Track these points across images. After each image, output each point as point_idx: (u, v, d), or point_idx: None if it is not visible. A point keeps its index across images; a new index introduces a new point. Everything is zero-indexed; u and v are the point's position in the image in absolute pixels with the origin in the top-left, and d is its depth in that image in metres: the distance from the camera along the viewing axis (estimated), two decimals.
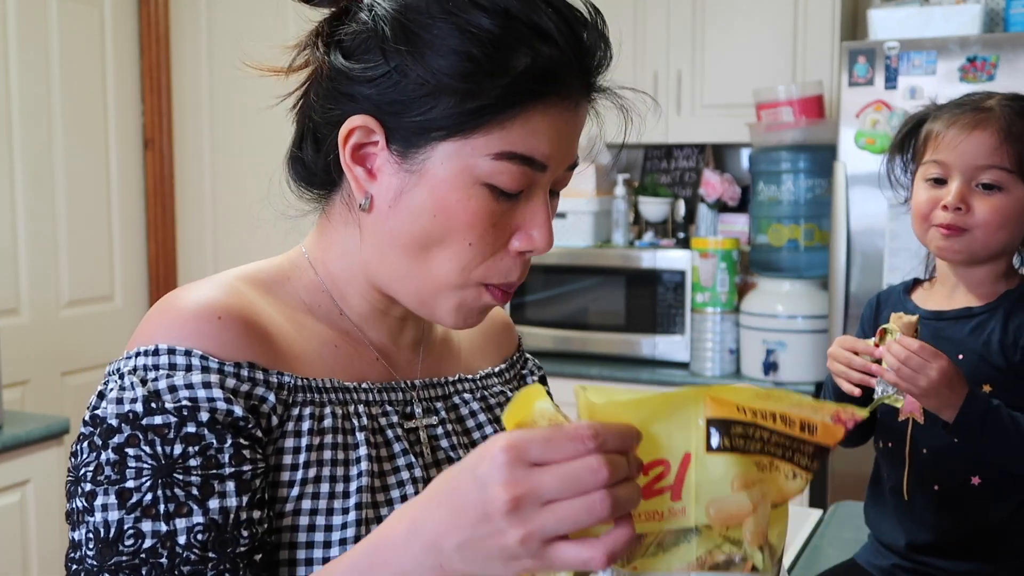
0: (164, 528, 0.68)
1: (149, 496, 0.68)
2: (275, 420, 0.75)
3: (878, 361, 1.32)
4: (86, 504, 0.69)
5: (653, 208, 3.32)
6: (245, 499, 0.71)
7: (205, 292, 0.76)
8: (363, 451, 0.78)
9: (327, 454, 0.76)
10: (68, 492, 0.72)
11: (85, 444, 0.71)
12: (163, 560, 0.67)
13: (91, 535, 0.69)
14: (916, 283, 1.52)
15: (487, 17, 0.72)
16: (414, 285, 0.78)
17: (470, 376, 0.93)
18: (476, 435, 0.89)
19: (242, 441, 0.72)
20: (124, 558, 0.67)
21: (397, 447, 0.82)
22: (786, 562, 1.67)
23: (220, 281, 0.79)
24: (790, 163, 2.89)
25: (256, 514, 0.71)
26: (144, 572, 0.67)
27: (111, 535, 0.68)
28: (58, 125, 3.24)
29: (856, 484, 1.43)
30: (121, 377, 0.72)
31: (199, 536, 0.68)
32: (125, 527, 0.68)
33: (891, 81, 2.56)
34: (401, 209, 0.76)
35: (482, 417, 0.90)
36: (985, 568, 1.39)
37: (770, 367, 2.86)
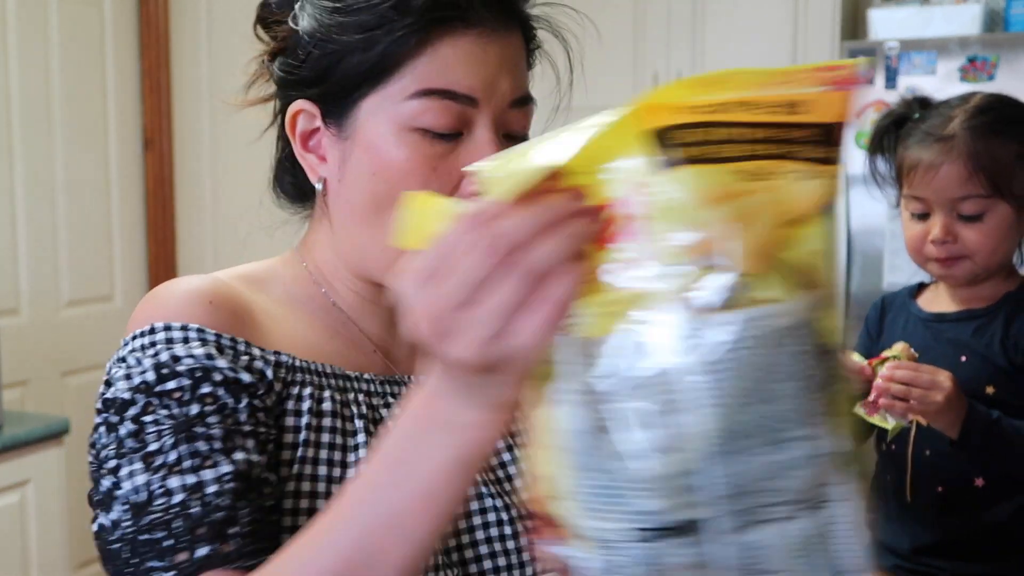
0: (192, 480, 0.67)
1: (173, 455, 0.68)
2: (275, 396, 0.74)
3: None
4: (114, 480, 0.69)
5: None
6: (264, 458, 0.70)
7: (196, 281, 0.77)
8: (361, 439, 0.77)
9: (325, 437, 0.76)
10: (93, 478, 0.71)
11: (102, 428, 0.71)
12: (195, 510, 0.66)
13: (125, 506, 0.68)
14: (921, 287, 1.52)
15: None
16: (381, 253, 0.77)
17: None
18: None
19: (256, 403, 0.72)
20: (156, 515, 0.67)
21: None
22: None
23: (210, 276, 0.80)
24: None
25: (271, 477, 0.71)
26: (178, 524, 0.66)
27: (141, 498, 0.67)
28: (58, 125, 3.24)
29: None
30: (123, 360, 0.72)
31: (229, 484, 0.67)
32: (153, 488, 0.67)
33: (891, 81, 2.56)
34: (348, 179, 0.77)
35: None
36: (988, 568, 1.39)
37: None
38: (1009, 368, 1.35)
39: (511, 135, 0.78)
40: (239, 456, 0.69)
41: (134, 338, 0.73)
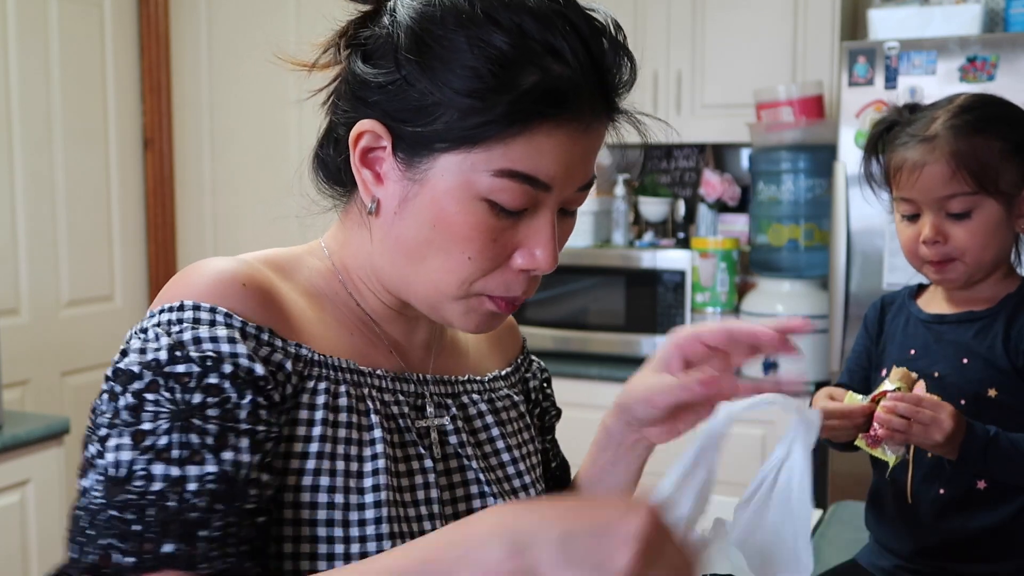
0: (176, 472, 0.67)
1: (164, 439, 0.68)
2: (290, 389, 0.75)
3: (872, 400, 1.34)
4: (99, 448, 0.69)
5: (653, 208, 3.32)
6: (256, 458, 0.70)
7: (229, 263, 0.77)
8: (378, 434, 0.78)
9: (342, 432, 0.77)
10: (84, 444, 0.72)
11: (105, 395, 0.71)
12: (171, 504, 0.67)
13: (100, 476, 0.68)
14: (921, 287, 1.52)
15: (500, 33, 0.71)
16: (420, 290, 0.79)
17: (479, 377, 0.93)
18: (483, 436, 0.89)
19: (260, 400, 0.72)
20: (132, 496, 0.67)
21: (408, 436, 0.82)
22: None
23: (241, 258, 0.80)
24: (790, 163, 2.89)
25: (264, 477, 0.71)
26: (151, 513, 0.67)
27: (121, 474, 0.67)
28: (58, 125, 3.24)
29: (856, 484, 1.43)
30: (144, 332, 0.72)
31: (209, 486, 0.68)
32: (136, 467, 0.67)
33: (891, 81, 2.56)
34: (405, 216, 0.77)
35: (489, 419, 0.90)
36: (989, 570, 1.39)
37: (770, 367, 2.86)
38: (1011, 371, 1.35)
39: (565, 211, 0.80)
40: (227, 456, 0.69)
41: (162, 311, 0.73)
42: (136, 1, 3.53)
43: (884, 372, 1.47)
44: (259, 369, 0.72)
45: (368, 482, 0.76)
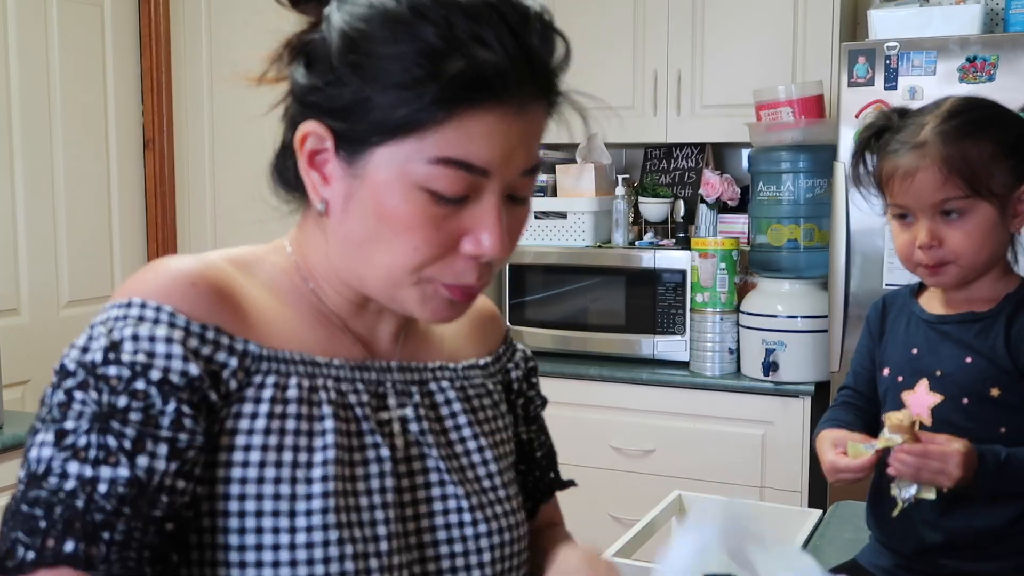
0: (89, 473, 0.69)
1: (84, 439, 0.70)
2: (234, 385, 0.77)
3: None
4: (30, 442, 0.72)
5: (653, 208, 3.32)
6: (174, 466, 0.72)
7: (184, 261, 0.79)
8: (329, 424, 0.79)
9: (290, 423, 0.78)
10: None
11: (48, 389, 0.74)
12: (79, 503, 0.69)
13: (24, 469, 0.71)
14: (922, 286, 1.52)
15: (426, 26, 0.73)
16: (375, 283, 0.81)
17: (451, 365, 0.93)
18: (449, 423, 0.89)
19: (185, 409, 0.73)
20: (43, 493, 0.69)
21: (365, 426, 0.82)
22: None
23: (203, 256, 0.82)
24: (790, 163, 2.89)
25: (181, 484, 0.72)
26: (58, 511, 0.68)
27: (40, 470, 0.70)
28: (58, 125, 3.24)
29: (856, 485, 1.43)
30: (91, 328, 0.75)
31: (120, 489, 0.69)
32: (53, 464, 0.70)
33: (891, 81, 2.56)
34: (351, 213, 0.79)
35: (457, 406, 0.90)
36: (991, 567, 1.39)
37: (770, 367, 2.87)
38: (1014, 370, 1.35)
39: (514, 197, 0.80)
40: (142, 461, 0.70)
41: (112, 308, 0.76)
42: (136, 1, 3.53)
43: (886, 371, 1.48)
44: (193, 369, 0.74)
45: (317, 472, 0.77)
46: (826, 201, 2.79)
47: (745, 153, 3.36)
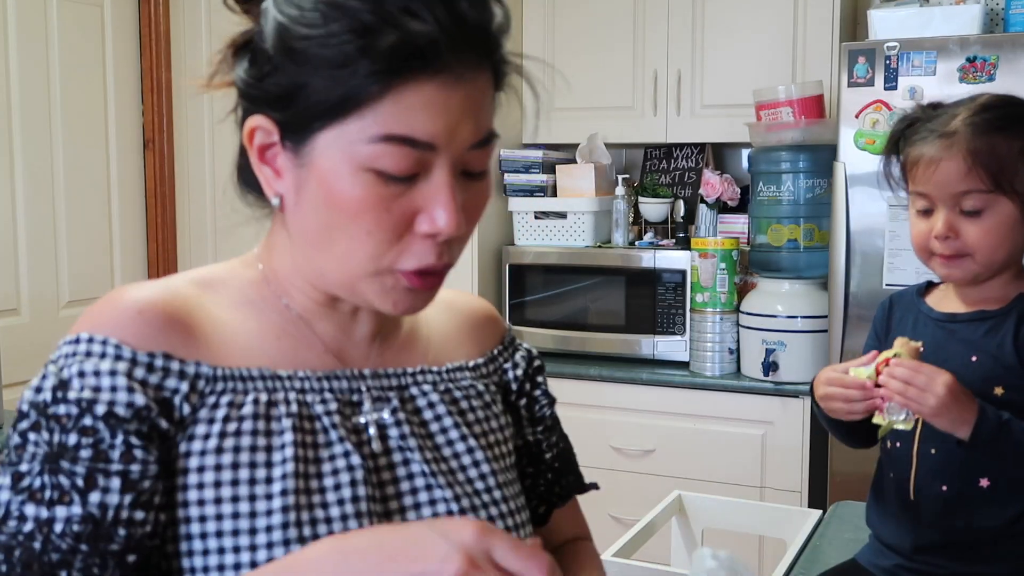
0: (45, 514, 0.70)
1: (37, 480, 0.71)
2: (187, 409, 0.76)
3: (876, 385, 1.32)
4: None
5: (653, 208, 3.32)
6: (128, 498, 0.72)
7: (136, 290, 0.79)
8: (288, 437, 0.78)
9: (245, 440, 0.77)
10: None
11: (9, 431, 0.75)
12: (36, 544, 0.69)
13: None
14: (930, 285, 1.52)
15: (354, 2, 0.72)
16: (335, 277, 0.79)
17: (434, 368, 0.91)
18: (434, 427, 0.87)
19: (134, 441, 0.73)
20: (3, 537, 0.70)
21: (333, 434, 0.81)
22: (786, 562, 1.67)
23: (161, 282, 0.82)
24: (790, 163, 2.89)
25: (139, 515, 0.72)
26: (16, 554, 0.69)
27: (0, 514, 0.71)
28: (58, 125, 3.24)
29: (856, 484, 1.43)
30: (46, 367, 0.76)
31: (75, 527, 0.70)
32: (11, 508, 0.71)
33: (891, 81, 2.56)
34: (303, 205, 0.78)
35: (442, 409, 0.88)
36: (991, 569, 1.39)
37: (770, 367, 2.87)
38: (1018, 368, 1.35)
39: (469, 173, 0.78)
40: (95, 498, 0.71)
41: (63, 345, 0.77)
42: (136, 1, 3.53)
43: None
44: (139, 400, 0.73)
45: (277, 487, 0.76)
46: (826, 201, 2.79)
47: (745, 153, 3.36)
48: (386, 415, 0.84)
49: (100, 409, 0.72)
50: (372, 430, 0.83)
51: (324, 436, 0.80)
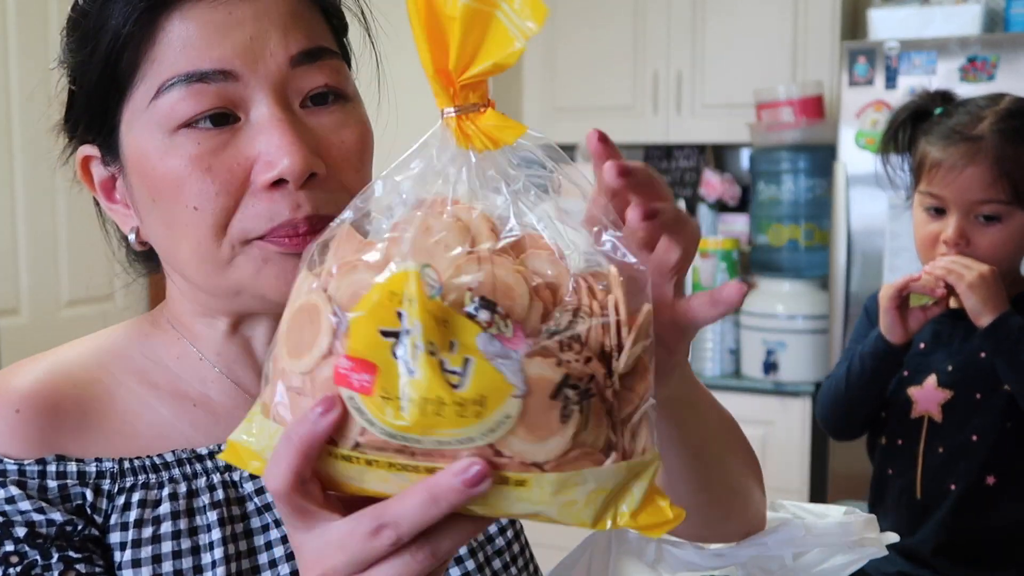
0: None
1: None
2: (99, 518, 0.64)
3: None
4: None
5: None
6: None
7: (13, 377, 0.68)
8: (216, 535, 0.66)
9: (167, 546, 0.65)
10: None
11: None
12: None
13: None
14: None
15: None
16: (198, 277, 0.67)
17: None
18: None
19: (72, 554, 0.61)
20: None
21: (268, 518, 0.69)
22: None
23: (46, 359, 0.70)
24: (790, 163, 2.89)
25: None
26: None
27: None
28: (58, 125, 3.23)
29: (856, 484, 1.43)
30: None
31: None
32: None
33: (891, 81, 2.56)
34: (142, 216, 0.67)
35: None
36: (995, 571, 1.38)
37: (770, 367, 2.87)
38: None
39: (316, 99, 0.65)
40: None
41: None
42: None
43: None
44: (57, 516, 0.62)
45: None
46: (826, 201, 2.79)
47: (745, 153, 3.36)
48: None
49: (19, 531, 0.61)
50: None
51: (258, 520, 0.68)
